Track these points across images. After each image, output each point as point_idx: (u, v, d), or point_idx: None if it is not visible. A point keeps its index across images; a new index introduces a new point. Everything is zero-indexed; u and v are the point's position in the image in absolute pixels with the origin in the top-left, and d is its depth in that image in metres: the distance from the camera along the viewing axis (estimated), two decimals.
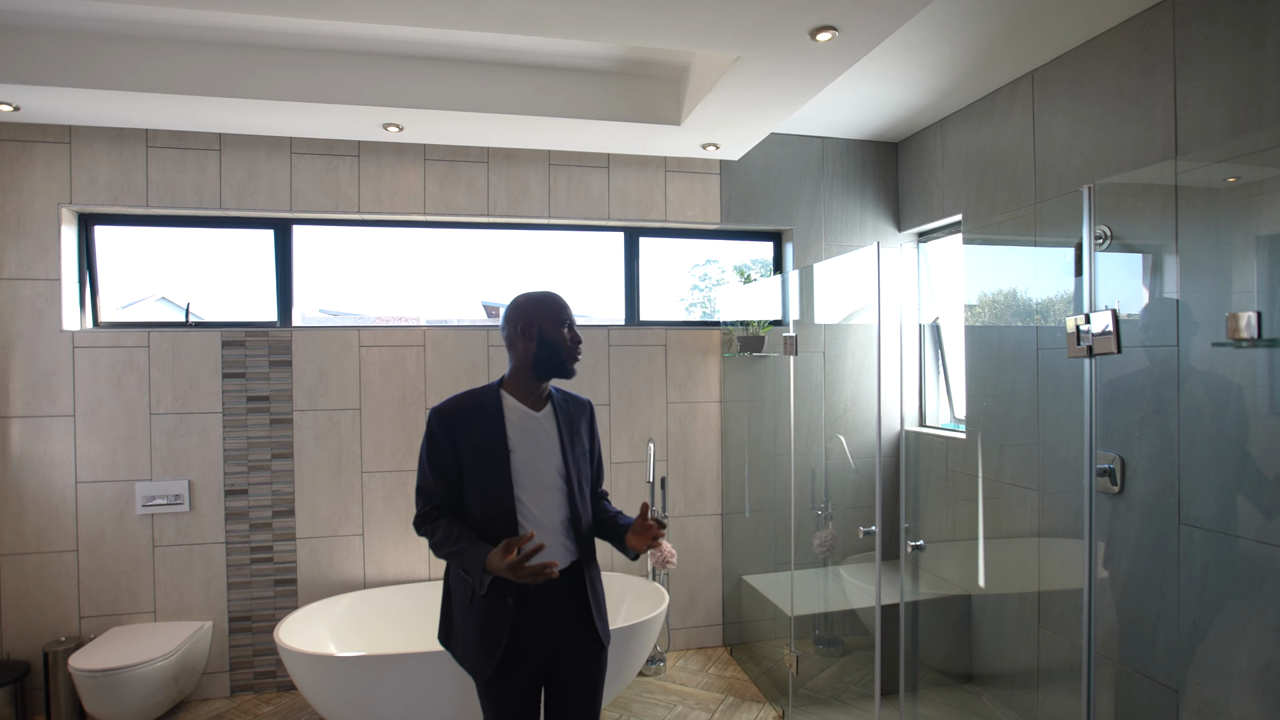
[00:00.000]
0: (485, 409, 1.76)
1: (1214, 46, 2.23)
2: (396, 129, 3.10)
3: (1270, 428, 2.05)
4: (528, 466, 1.75)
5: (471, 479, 1.73)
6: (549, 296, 1.83)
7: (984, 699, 3.14)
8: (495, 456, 1.72)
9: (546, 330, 1.78)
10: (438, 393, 3.40)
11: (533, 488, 1.75)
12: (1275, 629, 2.04)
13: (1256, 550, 2.08)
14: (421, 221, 3.48)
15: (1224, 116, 2.21)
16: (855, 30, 2.21)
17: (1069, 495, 2.82)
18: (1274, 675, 2.04)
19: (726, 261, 4.01)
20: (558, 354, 1.78)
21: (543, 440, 1.79)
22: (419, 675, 2.62)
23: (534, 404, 1.82)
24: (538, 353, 1.78)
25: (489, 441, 1.72)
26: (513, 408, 1.79)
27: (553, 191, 3.53)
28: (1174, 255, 2.35)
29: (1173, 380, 2.32)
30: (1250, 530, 2.10)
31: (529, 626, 1.73)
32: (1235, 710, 2.15)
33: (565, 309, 1.82)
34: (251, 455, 3.25)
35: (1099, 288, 2.59)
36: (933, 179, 3.65)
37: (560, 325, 1.79)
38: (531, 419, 1.79)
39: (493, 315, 3.79)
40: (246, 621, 3.26)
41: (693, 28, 2.18)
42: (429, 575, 3.41)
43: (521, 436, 1.76)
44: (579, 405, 1.93)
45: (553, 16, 2.10)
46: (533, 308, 1.80)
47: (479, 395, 1.80)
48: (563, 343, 1.78)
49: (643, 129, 3.14)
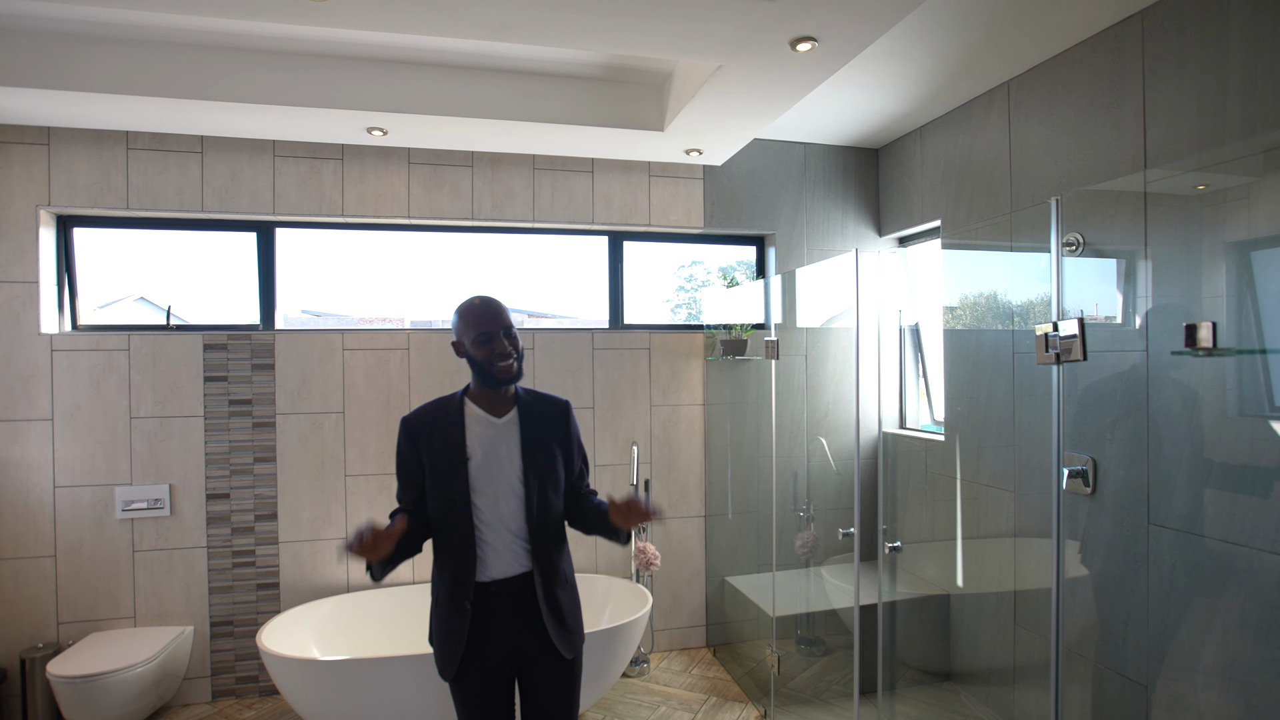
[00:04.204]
0: (447, 416, 1.78)
1: (1180, 59, 2.30)
2: (380, 133, 3.10)
3: (1232, 430, 2.11)
4: (485, 473, 1.75)
5: (432, 485, 1.76)
6: (468, 307, 1.78)
7: (961, 696, 3.19)
8: (453, 463, 1.74)
9: (467, 343, 1.77)
10: (421, 395, 3.40)
11: (489, 494, 1.74)
12: (1240, 626, 2.10)
13: (1222, 549, 2.14)
14: (406, 225, 3.49)
15: (1190, 126, 2.27)
16: (835, 41, 2.25)
17: (1043, 496, 2.88)
18: (1239, 670, 2.10)
19: (712, 263, 4.04)
20: (480, 367, 1.76)
21: (501, 447, 1.78)
22: (402, 678, 2.62)
23: (496, 410, 1.81)
24: (471, 367, 1.79)
25: (448, 448, 1.74)
26: (474, 415, 1.79)
27: (537, 195, 3.55)
28: (1144, 261, 2.41)
29: (1143, 384, 2.38)
30: (1216, 530, 2.16)
31: (490, 630, 1.75)
32: (1203, 705, 2.21)
33: (483, 319, 1.75)
34: (234, 459, 3.23)
35: (1068, 294, 2.65)
36: (913, 185, 3.70)
37: (478, 338, 1.74)
38: (491, 426, 1.79)
39: None
40: (228, 626, 3.24)
41: (673, 36, 2.21)
42: (413, 579, 3.41)
43: (480, 443, 1.76)
44: (551, 407, 1.88)
45: (534, 25, 2.12)
46: (457, 320, 1.80)
47: (444, 403, 1.82)
48: (481, 356, 1.75)
49: (626, 134, 3.16)
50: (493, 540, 1.75)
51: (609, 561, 3.65)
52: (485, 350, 1.73)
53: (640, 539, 3.49)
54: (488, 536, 1.74)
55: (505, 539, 1.75)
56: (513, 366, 1.76)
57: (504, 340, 1.74)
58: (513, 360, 1.76)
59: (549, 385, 3.57)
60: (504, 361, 1.74)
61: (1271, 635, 1.99)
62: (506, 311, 1.81)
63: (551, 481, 1.82)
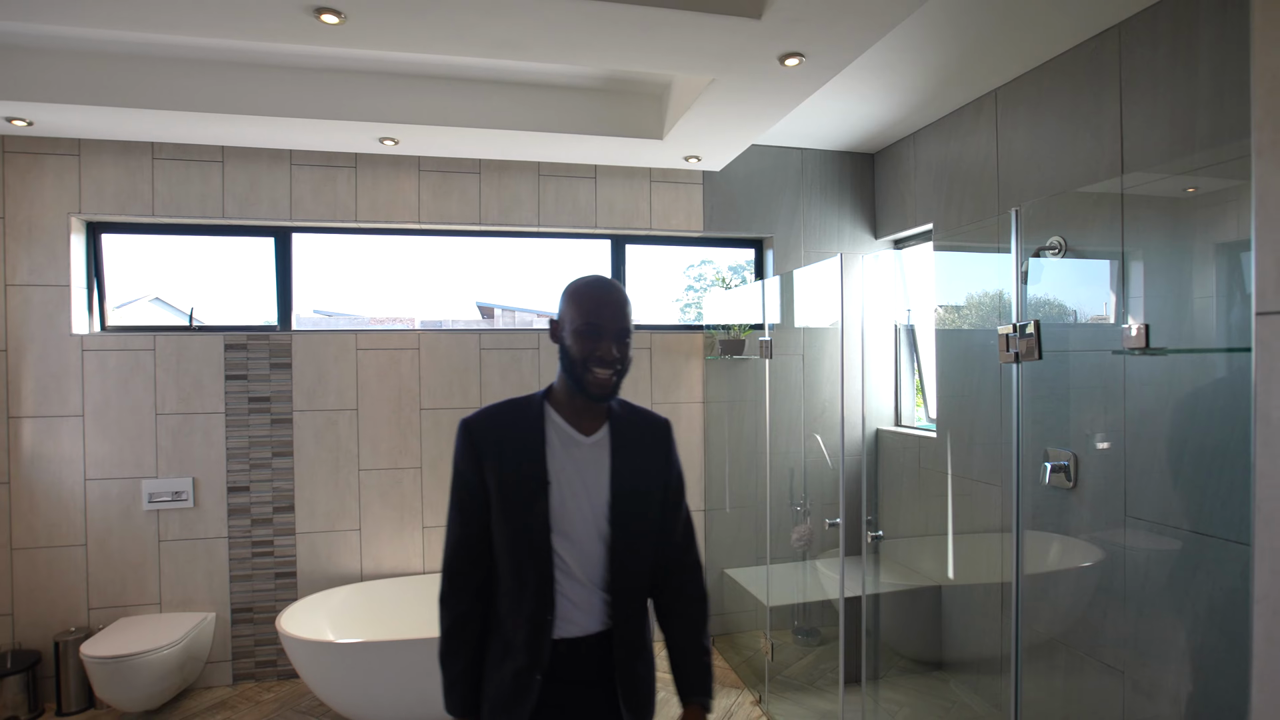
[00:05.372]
0: (524, 425, 1.39)
1: (1154, 72, 2.40)
2: (392, 142, 3.25)
3: (1201, 427, 2.22)
4: (567, 507, 1.36)
5: (500, 514, 1.36)
6: (583, 287, 1.39)
7: (951, 685, 3.30)
8: (530, 488, 1.35)
9: (566, 329, 1.37)
10: (432, 393, 3.55)
11: (571, 535, 1.37)
12: (1208, 612, 2.21)
13: (1191, 540, 2.24)
14: (416, 229, 3.64)
15: (1162, 136, 2.38)
16: (821, 56, 2.37)
17: (1031, 491, 2.98)
18: (1206, 656, 2.20)
19: (722, 262, 4.18)
20: (571, 366, 1.35)
21: (589, 474, 1.39)
22: (416, 660, 2.77)
23: (584, 424, 1.42)
24: (561, 360, 1.39)
25: (523, 467, 1.35)
26: (557, 428, 1.40)
27: (542, 201, 3.69)
28: (1118, 263, 2.52)
29: (1119, 382, 2.49)
30: (1185, 522, 2.26)
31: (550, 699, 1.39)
32: (1169, 685, 2.32)
33: (597, 308, 1.34)
34: (253, 454, 3.39)
35: (1061, 296, 2.76)
36: (906, 189, 3.81)
37: (583, 328, 1.34)
38: (577, 445, 1.40)
39: (487, 316, 3.94)
40: (248, 613, 3.41)
41: (665, 53, 2.34)
42: (423, 569, 3.56)
43: (563, 466, 1.38)
44: (650, 427, 1.49)
45: (536, 43, 2.25)
46: (565, 299, 1.40)
47: (519, 407, 1.42)
48: (579, 351, 1.34)
49: (627, 142, 3.29)
50: (570, 591, 1.38)
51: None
52: (585, 346, 1.33)
53: None
54: (565, 587, 1.37)
55: (583, 591, 1.39)
56: (611, 380, 1.35)
57: (611, 344, 1.34)
58: (613, 372, 1.35)
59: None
60: (602, 370, 1.33)
61: (1235, 620, 2.10)
62: (629, 308, 1.39)
63: (644, 523, 1.44)
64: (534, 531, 1.34)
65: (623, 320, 1.36)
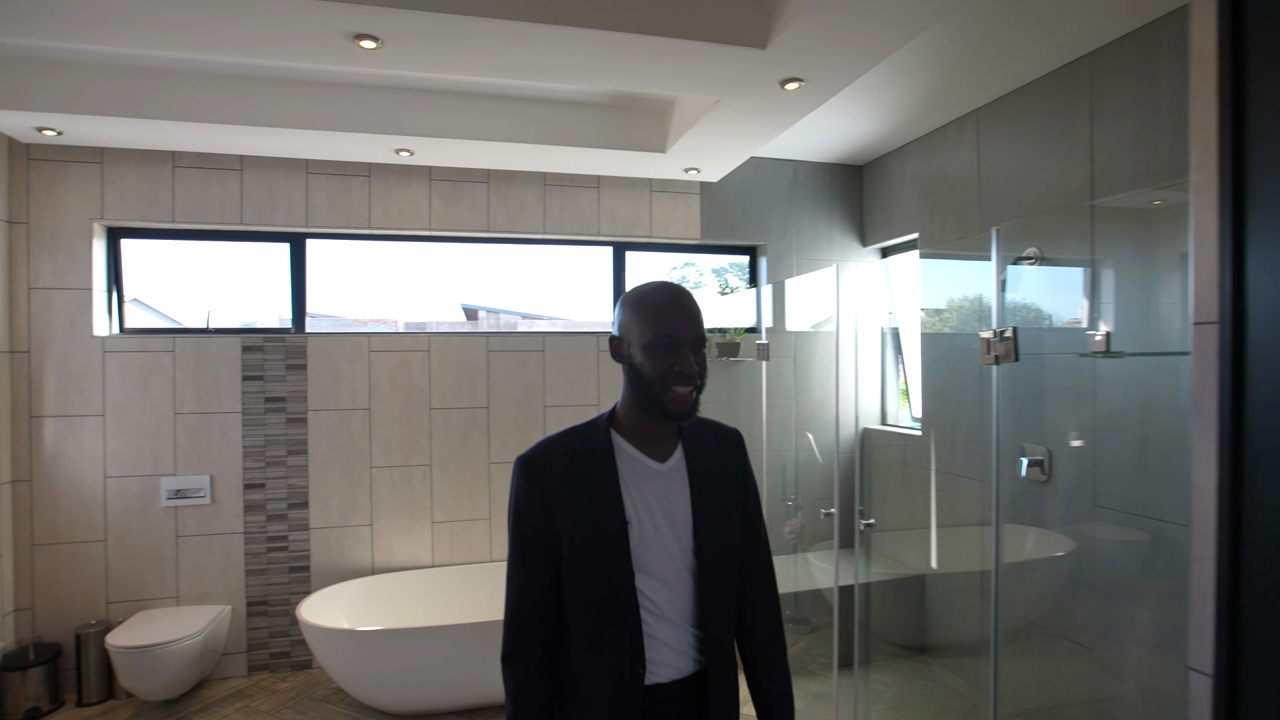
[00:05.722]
0: (592, 459, 1.25)
1: (1121, 98, 2.62)
2: (408, 153, 3.40)
3: (1160, 422, 2.43)
4: (649, 544, 1.24)
5: (574, 561, 1.23)
6: (648, 295, 1.24)
7: (934, 667, 3.51)
8: (608, 530, 1.22)
9: (634, 346, 1.23)
10: (442, 394, 3.70)
11: (657, 572, 1.25)
12: (1167, 593, 2.43)
13: (1154, 527, 2.46)
14: (427, 236, 3.78)
15: (1129, 156, 2.60)
16: (819, 81, 2.56)
17: (1009, 485, 3.19)
18: (1165, 633, 2.42)
19: (704, 264, 4.36)
20: (645, 387, 1.21)
21: (670, 504, 1.27)
22: (432, 647, 2.92)
23: (656, 449, 1.29)
24: (629, 381, 1.25)
25: (598, 508, 1.22)
26: (628, 457, 1.27)
27: (547, 209, 3.85)
28: (1090, 271, 2.74)
29: (1090, 382, 2.70)
30: (1148, 510, 2.48)
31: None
32: (1133, 663, 2.53)
33: (669, 317, 1.21)
34: (269, 452, 3.51)
35: (1039, 301, 2.97)
36: (893, 200, 4.02)
37: (655, 342, 1.20)
38: (653, 475, 1.27)
39: (471, 318, 4.07)
40: (263, 606, 3.53)
41: (676, 77, 2.52)
42: (432, 562, 3.70)
43: (641, 500, 1.25)
44: (723, 440, 1.38)
45: (555, 67, 2.42)
46: (627, 310, 1.26)
47: (582, 437, 1.28)
48: (652, 368, 1.20)
49: (631, 155, 3.46)
50: (660, 632, 1.25)
51: None
52: (661, 363, 1.19)
53: None
54: (654, 628, 1.25)
55: (674, 629, 1.27)
56: (692, 397, 1.22)
57: (690, 356, 1.21)
58: (694, 388, 1.22)
59: (559, 386, 3.87)
60: (682, 388, 1.20)
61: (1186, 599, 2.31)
62: (701, 315, 1.26)
63: (730, 550, 1.32)
64: (616, 576, 1.21)
65: (698, 327, 1.23)
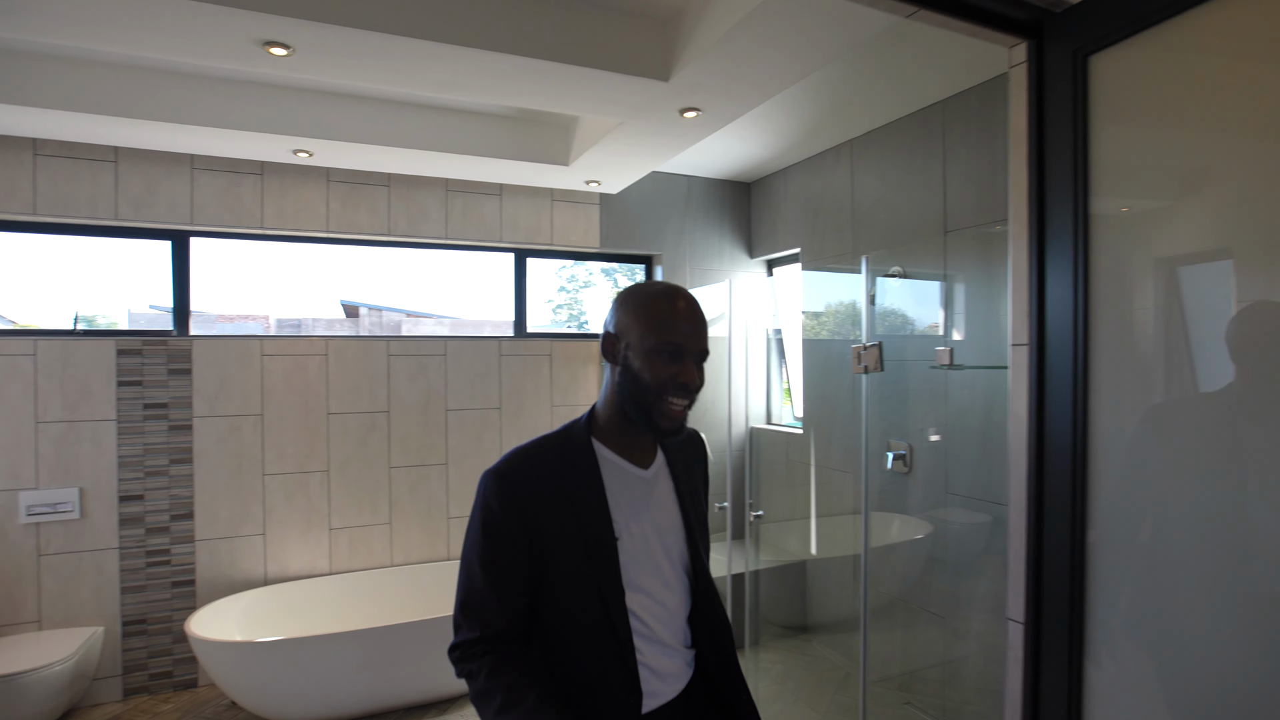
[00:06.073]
0: (573, 470, 1.15)
1: (967, 141, 3.03)
2: (306, 154, 3.32)
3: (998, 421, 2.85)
4: (639, 558, 1.16)
5: (560, 583, 1.12)
6: (657, 298, 1.15)
7: (814, 644, 3.86)
8: (595, 547, 1.12)
9: (634, 348, 1.13)
10: (340, 399, 3.64)
11: (648, 588, 1.16)
12: (1000, 565, 2.85)
13: (994, 510, 2.88)
14: (324, 238, 3.70)
15: (973, 193, 3.01)
16: (715, 111, 2.79)
17: (878, 477, 3.58)
18: (999, 601, 2.84)
19: (593, 264, 4.52)
20: (642, 394, 1.12)
21: (657, 514, 1.20)
22: (335, 654, 2.90)
23: (637, 456, 1.20)
24: (619, 384, 1.16)
25: (584, 524, 1.12)
26: (611, 465, 1.18)
27: (449, 215, 3.87)
28: (944, 286, 3.14)
29: (944, 385, 3.10)
30: (989, 495, 2.90)
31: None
32: (977, 627, 2.95)
33: (677, 325, 1.13)
34: (148, 461, 3.32)
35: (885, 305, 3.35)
36: (778, 216, 4.36)
37: (659, 348, 1.12)
38: (638, 483, 1.19)
39: (351, 315, 4.01)
40: (141, 625, 3.33)
41: (586, 101, 2.67)
42: (330, 569, 3.64)
43: (629, 511, 1.16)
44: (692, 443, 1.32)
45: (473, 84, 2.50)
46: (626, 310, 1.16)
47: (560, 446, 1.17)
48: (651, 375, 1.12)
49: (535, 166, 3.57)
50: (651, 657, 1.16)
51: None
52: (662, 370, 1.12)
53: None
54: (646, 653, 1.15)
55: (667, 652, 1.18)
56: (684, 411, 1.15)
57: (693, 367, 1.15)
58: (689, 402, 1.15)
59: (462, 390, 3.91)
60: (679, 400, 1.13)
61: None
62: (708, 327, 1.19)
63: (707, 558, 1.26)
64: (606, 596, 1.11)
65: (705, 339, 1.16)
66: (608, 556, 1.12)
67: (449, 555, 3.89)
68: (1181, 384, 1.22)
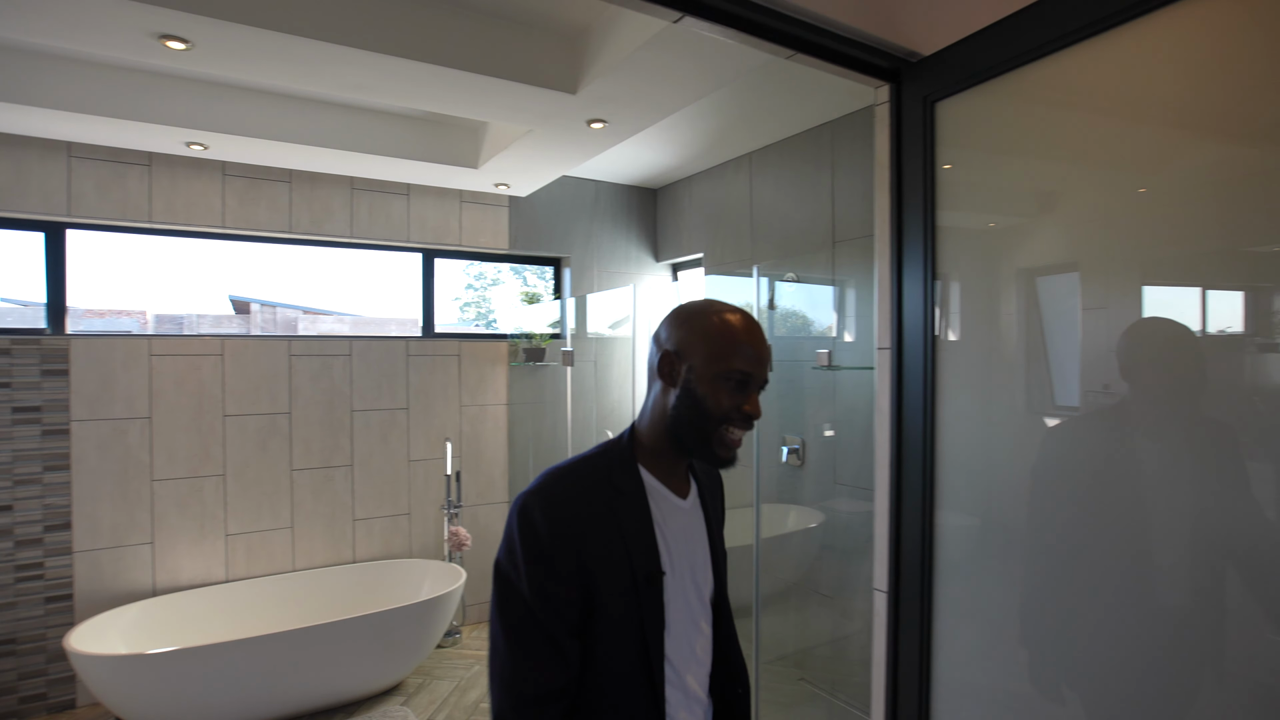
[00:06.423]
0: (620, 497, 1.04)
1: (854, 159, 3.30)
2: (201, 147, 3.20)
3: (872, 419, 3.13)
4: (675, 597, 1.06)
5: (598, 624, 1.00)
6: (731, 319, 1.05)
7: None
8: (644, 585, 1.01)
9: (698, 372, 1.03)
10: (238, 400, 3.52)
11: (679, 631, 1.07)
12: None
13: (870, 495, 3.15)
14: (220, 234, 3.56)
15: (859, 208, 3.28)
16: (621, 123, 2.91)
17: (775, 470, 3.82)
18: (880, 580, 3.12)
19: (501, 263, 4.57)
20: (703, 421, 1.03)
21: (695, 547, 1.11)
22: (232, 663, 2.83)
23: (676, 484, 1.11)
24: (675, 408, 1.05)
25: (633, 556, 1.01)
26: (657, 494, 1.08)
27: (355, 213, 3.81)
28: (837, 291, 3.40)
29: (833, 384, 3.36)
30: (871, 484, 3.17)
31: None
32: (861, 605, 3.23)
33: (746, 348, 1.03)
34: (19, 469, 3.11)
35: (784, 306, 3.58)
36: (683, 222, 4.55)
37: (727, 375, 1.02)
38: (679, 513, 1.10)
39: (241, 311, 3.89)
40: (10, 645, 3.11)
41: (496, 109, 2.73)
42: (227, 576, 3.51)
43: (672, 544, 1.07)
44: (713, 477, 1.23)
45: (384, 88, 2.51)
46: (692, 326, 1.06)
47: (604, 469, 1.06)
48: (716, 403, 1.02)
49: (444, 169, 3.58)
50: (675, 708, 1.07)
51: (423, 546, 4.02)
52: (727, 399, 1.03)
53: (453, 522, 3.92)
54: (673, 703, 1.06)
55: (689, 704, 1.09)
56: (740, 442, 1.06)
57: (757, 398, 1.06)
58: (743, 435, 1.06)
59: (368, 390, 3.86)
60: (739, 432, 1.05)
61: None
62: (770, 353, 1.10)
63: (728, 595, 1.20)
64: (648, 639, 1.01)
65: (768, 367, 1.07)
66: (654, 594, 1.02)
67: (354, 558, 3.83)
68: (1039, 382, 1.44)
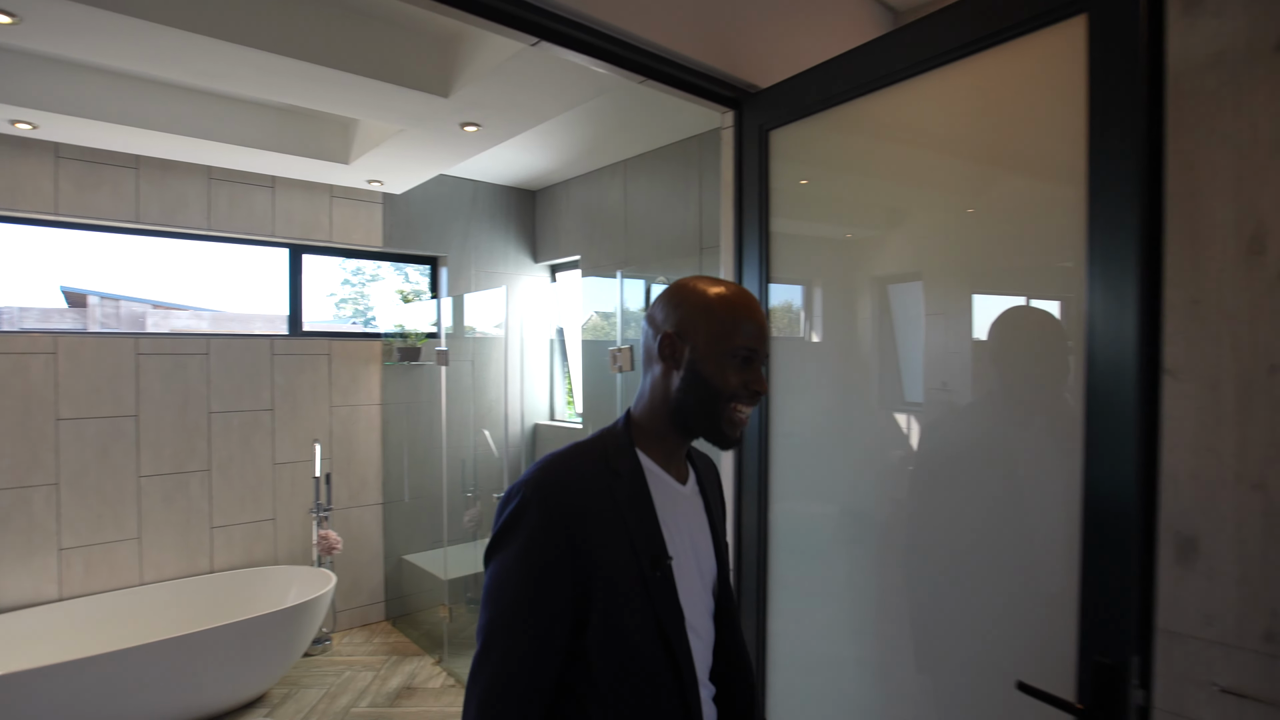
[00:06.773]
0: (619, 481, 1.01)
1: (717, 172, 3.53)
2: (28, 126, 2.94)
3: None
4: (682, 584, 1.03)
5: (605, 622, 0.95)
6: (732, 295, 1.04)
7: None
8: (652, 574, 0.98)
9: (701, 352, 1.02)
10: (74, 403, 3.26)
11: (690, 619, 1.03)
12: None
13: None
14: (53, 221, 3.28)
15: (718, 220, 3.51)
16: (494, 128, 2.97)
17: None
18: None
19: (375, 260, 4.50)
20: (711, 401, 1.01)
21: (696, 533, 1.08)
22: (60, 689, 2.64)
23: (675, 469, 1.09)
24: (680, 390, 1.03)
25: (638, 544, 0.98)
26: (657, 479, 1.06)
27: (213, 205, 3.62)
28: None
29: None
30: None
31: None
32: None
33: (747, 323, 1.02)
34: None
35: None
36: (560, 225, 4.65)
37: (734, 353, 1.01)
38: (680, 499, 1.08)
39: (76, 305, 3.62)
40: None
41: (364, 107, 2.72)
42: (60, 595, 3.24)
43: (676, 530, 1.04)
44: (710, 467, 1.20)
45: (238, 77, 2.44)
46: (692, 305, 1.04)
47: (602, 456, 1.03)
48: (723, 381, 1.01)
49: (312, 163, 3.48)
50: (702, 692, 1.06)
51: (289, 552, 3.88)
52: (735, 376, 1.02)
53: (323, 526, 3.81)
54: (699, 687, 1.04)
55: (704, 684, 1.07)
56: (747, 419, 1.05)
57: (761, 372, 1.05)
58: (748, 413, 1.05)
59: (227, 391, 3.68)
60: (746, 408, 1.04)
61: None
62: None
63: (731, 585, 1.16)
64: (668, 629, 0.98)
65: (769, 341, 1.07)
66: (664, 581, 0.98)
67: (212, 568, 3.64)
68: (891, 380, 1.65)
